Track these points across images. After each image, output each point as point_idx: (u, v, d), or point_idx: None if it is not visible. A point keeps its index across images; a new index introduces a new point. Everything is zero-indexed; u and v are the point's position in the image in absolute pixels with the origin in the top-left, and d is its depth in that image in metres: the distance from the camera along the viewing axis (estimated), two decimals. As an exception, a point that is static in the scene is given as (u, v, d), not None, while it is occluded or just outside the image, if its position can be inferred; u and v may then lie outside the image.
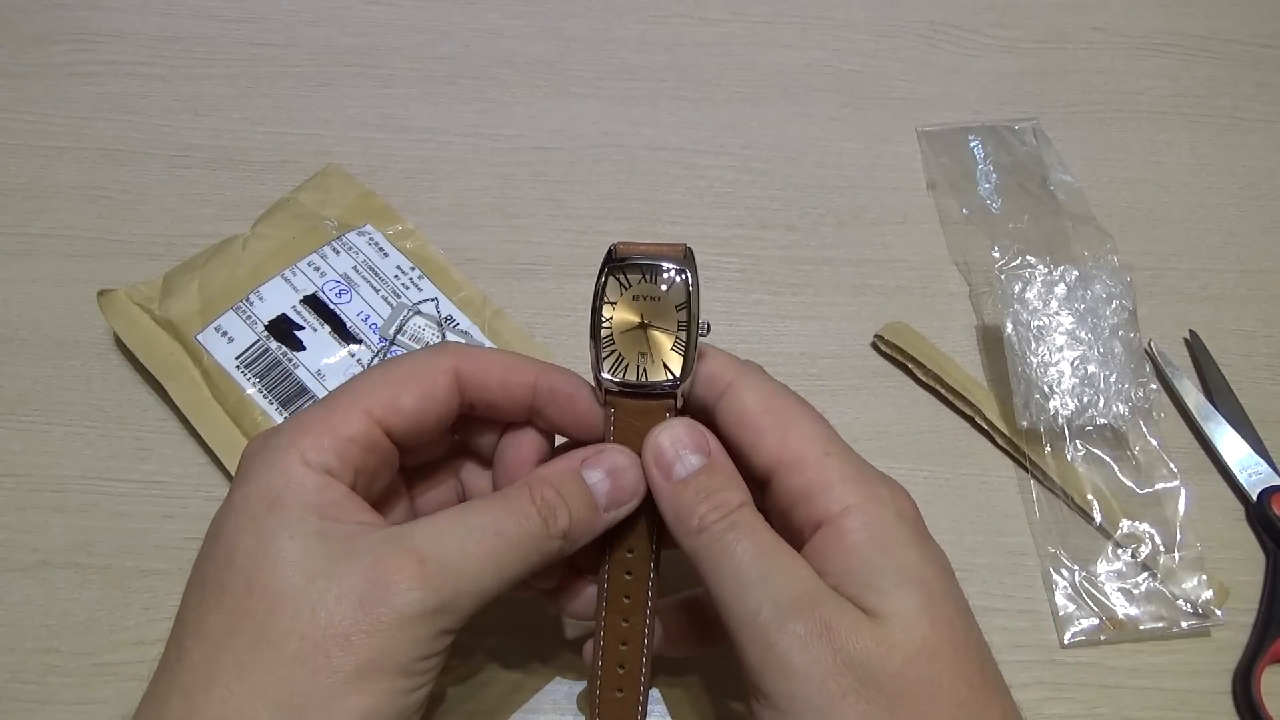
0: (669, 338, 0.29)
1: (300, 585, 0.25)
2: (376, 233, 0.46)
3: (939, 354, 0.45)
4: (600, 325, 0.29)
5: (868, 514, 0.27)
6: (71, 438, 0.42)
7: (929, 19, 0.59)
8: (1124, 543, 0.41)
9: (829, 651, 0.25)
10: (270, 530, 0.26)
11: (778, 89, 0.56)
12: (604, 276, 0.29)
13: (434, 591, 0.25)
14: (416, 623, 0.25)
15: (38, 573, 0.39)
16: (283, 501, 0.26)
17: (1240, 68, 0.58)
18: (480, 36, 0.56)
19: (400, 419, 0.29)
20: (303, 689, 0.24)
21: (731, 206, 0.51)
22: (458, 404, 0.30)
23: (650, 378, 0.29)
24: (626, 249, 0.29)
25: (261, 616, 0.25)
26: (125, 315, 0.43)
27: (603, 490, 0.29)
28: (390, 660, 0.24)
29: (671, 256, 0.29)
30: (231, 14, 0.56)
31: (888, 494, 0.28)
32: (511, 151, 0.52)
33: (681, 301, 0.29)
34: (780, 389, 0.30)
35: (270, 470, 0.27)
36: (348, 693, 0.24)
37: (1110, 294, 0.44)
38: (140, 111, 0.52)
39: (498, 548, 0.27)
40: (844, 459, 0.28)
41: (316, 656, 0.24)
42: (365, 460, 0.28)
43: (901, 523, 0.27)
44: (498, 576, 0.26)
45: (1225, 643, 0.40)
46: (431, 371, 0.29)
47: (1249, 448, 0.44)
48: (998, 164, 0.52)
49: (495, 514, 0.27)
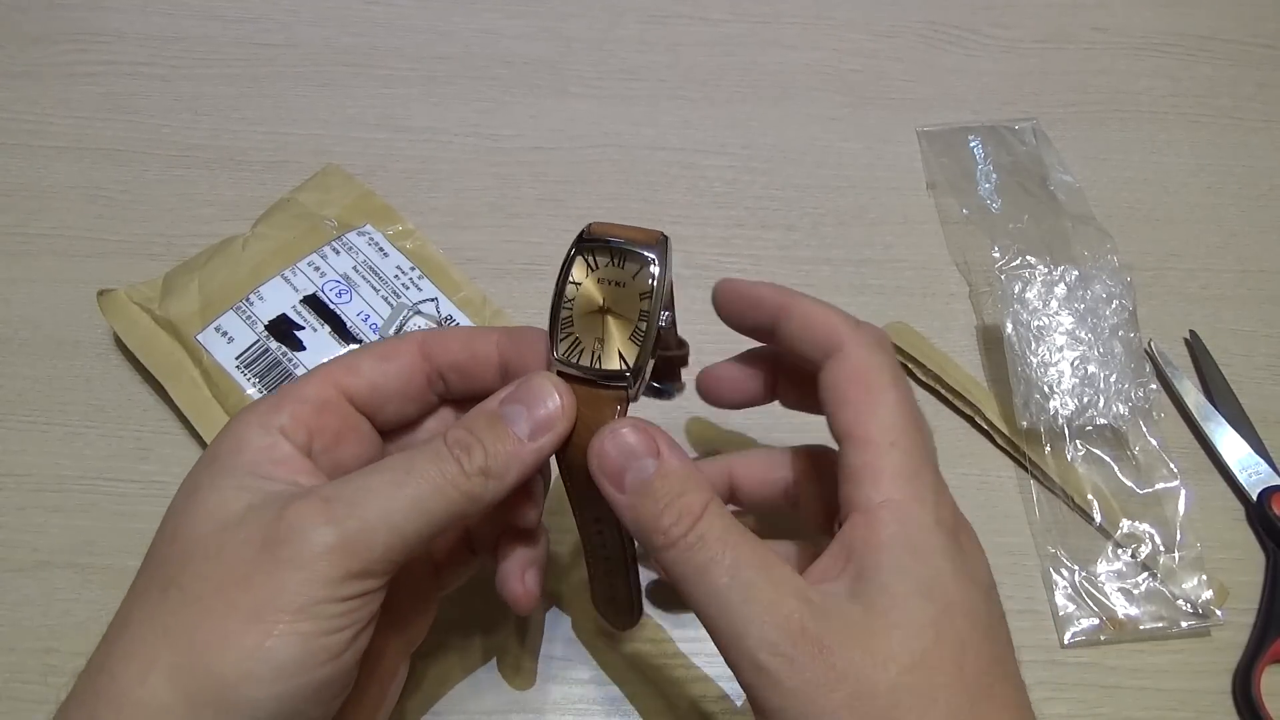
0: (628, 326, 0.27)
1: (211, 532, 0.25)
2: (376, 233, 0.46)
3: (939, 354, 0.45)
4: (562, 304, 0.28)
5: (905, 513, 0.26)
6: (71, 438, 0.42)
7: (929, 19, 0.59)
8: (1124, 543, 0.41)
9: (821, 668, 0.24)
10: (200, 484, 0.27)
11: (778, 89, 0.56)
12: (572, 254, 0.28)
13: (335, 526, 0.24)
14: (317, 561, 0.24)
15: (38, 573, 0.39)
16: (220, 458, 0.27)
17: (1240, 68, 0.58)
18: (480, 36, 0.56)
19: (358, 380, 0.29)
20: (203, 630, 0.24)
21: (731, 206, 0.51)
22: (424, 372, 0.30)
23: (604, 365, 0.27)
24: (600, 229, 0.28)
25: (176, 563, 0.25)
26: (125, 315, 0.43)
27: (519, 418, 0.27)
28: (287, 600, 0.24)
29: (645, 243, 0.27)
30: (232, 14, 0.56)
31: (934, 498, 0.27)
32: (511, 151, 0.52)
33: (646, 291, 0.27)
34: (882, 363, 0.29)
35: (225, 432, 0.28)
36: (244, 633, 0.23)
37: (1110, 294, 0.44)
38: (140, 111, 0.52)
39: (408, 485, 0.25)
40: (907, 454, 0.27)
41: (217, 598, 0.24)
42: (320, 420, 0.28)
43: (938, 530, 0.26)
44: (413, 515, 0.25)
45: (1225, 643, 0.40)
46: (394, 342, 0.30)
47: (1249, 448, 0.44)
48: (998, 164, 0.52)
49: (408, 456, 0.27)
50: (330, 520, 0.24)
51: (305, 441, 0.28)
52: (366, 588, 0.25)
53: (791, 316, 0.30)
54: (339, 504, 0.25)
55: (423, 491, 0.26)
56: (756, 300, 0.31)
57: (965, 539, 0.27)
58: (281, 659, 0.23)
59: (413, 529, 0.25)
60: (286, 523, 0.24)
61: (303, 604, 0.24)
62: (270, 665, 0.23)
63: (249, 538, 0.25)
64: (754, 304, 0.31)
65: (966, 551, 0.27)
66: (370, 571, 0.25)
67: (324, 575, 0.24)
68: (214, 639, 0.23)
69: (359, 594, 0.25)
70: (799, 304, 0.30)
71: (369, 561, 0.25)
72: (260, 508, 0.25)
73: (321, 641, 0.24)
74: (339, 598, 0.24)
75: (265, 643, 0.23)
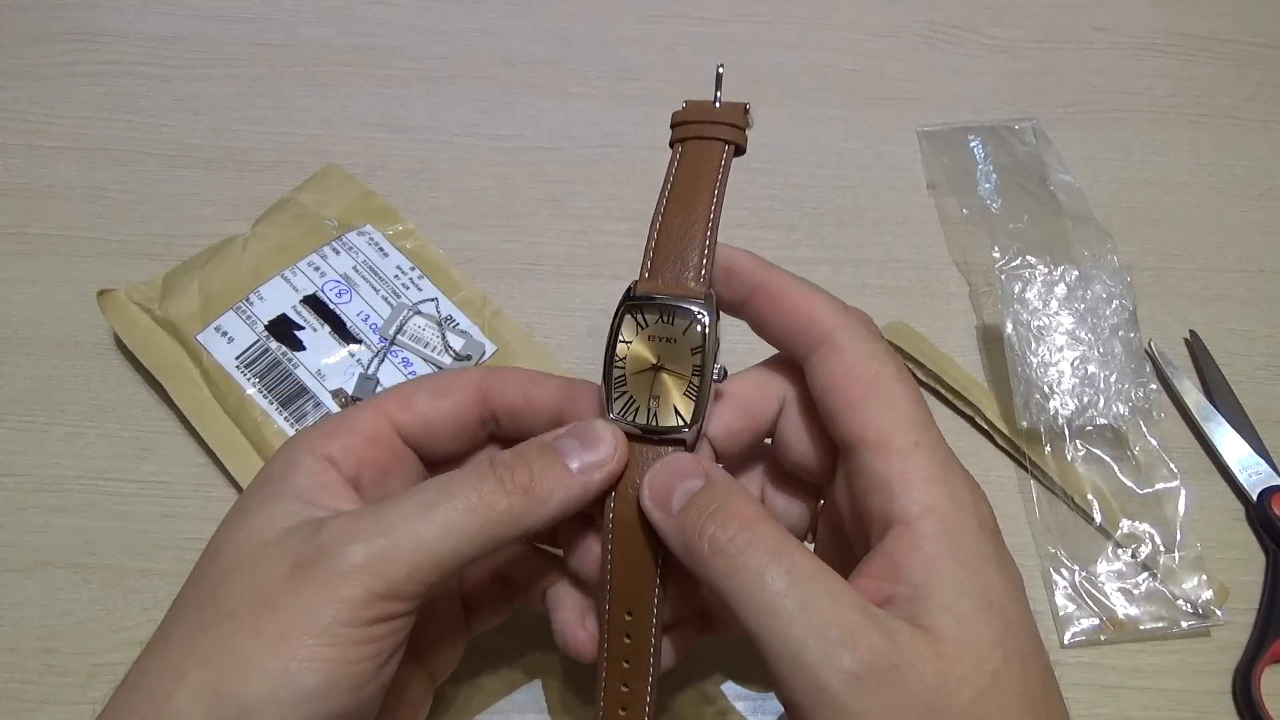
0: (682, 382, 0.27)
1: (249, 552, 0.25)
2: (376, 233, 0.46)
3: (939, 354, 0.45)
4: (614, 364, 0.28)
5: (950, 522, 0.24)
6: (71, 438, 0.42)
7: (929, 19, 0.59)
8: (1124, 543, 0.41)
9: (893, 690, 0.22)
10: (249, 505, 0.26)
11: (778, 89, 0.56)
12: (621, 313, 0.28)
13: (362, 545, 0.24)
14: (343, 580, 0.23)
15: (38, 573, 0.39)
16: (271, 481, 0.27)
17: (1240, 68, 0.58)
18: (480, 36, 0.56)
19: (412, 416, 0.29)
20: (230, 650, 0.23)
21: (731, 206, 0.50)
22: (478, 412, 0.30)
23: (660, 422, 0.27)
24: (646, 286, 0.28)
25: (215, 581, 0.25)
26: (125, 315, 0.43)
27: (572, 451, 0.27)
28: (312, 623, 0.23)
29: (692, 297, 0.28)
30: (232, 14, 0.56)
31: (971, 500, 0.25)
32: (511, 151, 0.52)
33: (698, 345, 0.27)
34: (879, 352, 0.27)
35: (278, 455, 0.28)
36: (269, 655, 0.23)
37: (1110, 294, 0.44)
38: (140, 111, 0.52)
39: (440, 504, 0.25)
40: (933, 453, 0.25)
41: (247, 618, 0.24)
42: (370, 452, 0.28)
43: (983, 535, 0.25)
44: (444, 535, 0.25)
45: (1225, 643, 0.40)
46: (451, 378, 0.30)
47: (1249, 448, 0.44)
48: (998, 164, 0.52)
49: (445, 477, 0.26)
50: (357, 539, 0.24)
51: (354, 473, 0.28)
52: (393, 610, 0.24)
53: (767, 298, 0.28)
54: (368, 522, 0.25)
55: (456, 511, 0.25)
56: (729, 268, 0.29)
57: (999, 537, 0.26)
58: (304, 684, 0.23)
59: (443, 549, 0.25)
60: (317, 542, 0.24)
61: (326, 625, 0.23)
62: (293, 690, 0.23)
63: (282, 558, 0.24)
64: (726, 272, 0.29)
65: (1004, 552, 0.25)
66: (397, 594, 0.24)
67: (348, 595, 0.23)
68: (240, 660, 0.23)
69: (385, 617, 0.24)
70: (775, 283, 0.28)
71: (395, 582, 0.24)
72: (298, 529, 0.25)
73: (346, 669, 0.24)
74: (364, 620, 0.24)
75: (289, 667, 0.23)
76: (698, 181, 0.30)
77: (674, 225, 0.29)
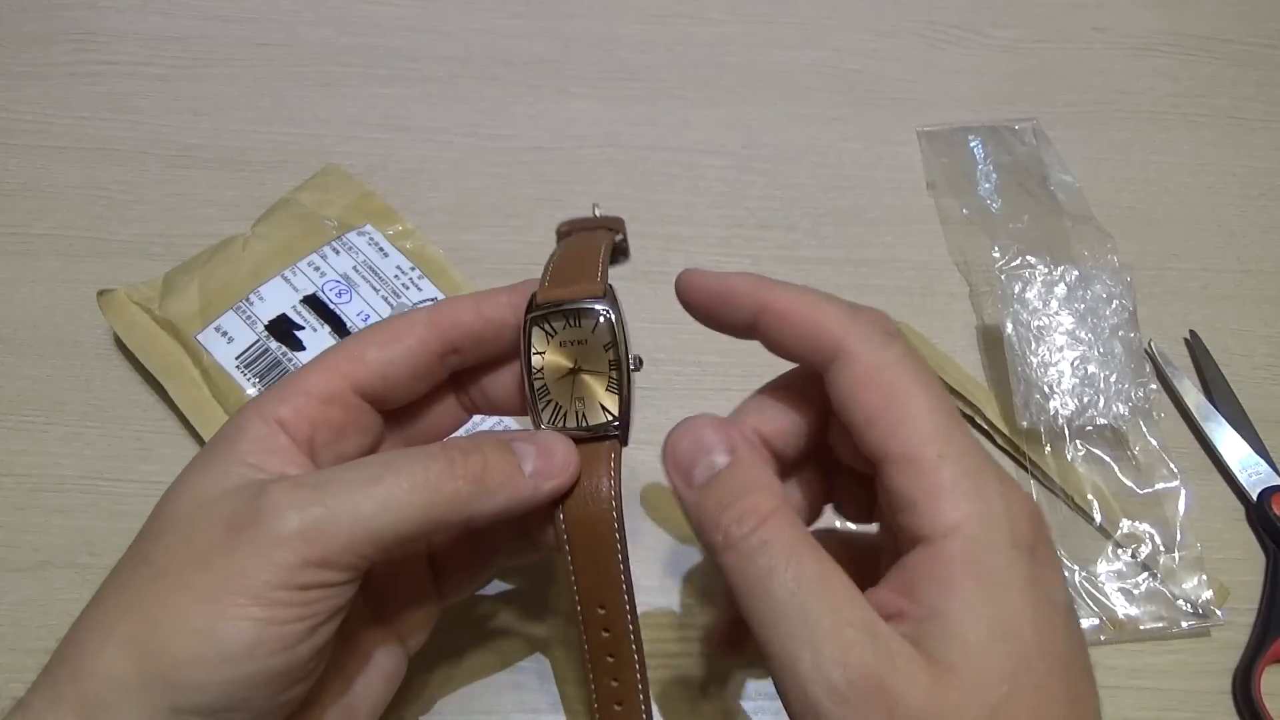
0: (602, 379, 0.28)
1: (186, 511, 0.25)
2: (376, 233, 0.46)
3: (939, 354, 0.45)
4: (533, 377, 0.28)
5: (975, 541, 0.23)
6: (71, 438, 0.42)
7: (929, 19, 0.59)
8: (1124, 543, 0.41)
9: (876, 712, 0.22)
10: (193, 468, 0.26)
11: (778, 89, 0.56)
12: (528, 326, 0.28)
13: (299, 512, 0.24)
14: (277, 547, 0.23)
15: (38, 573, 0.39)
16: (217, 445, 0.27)
17: (1240, 68, 0.58)
18: (480, 36, 0.56)
19: (365, 369, 0.28)
20: (159, 606, 0.24)
21: (731, 206, 0.51)
22: (436, 348, 0.29)
23: (590, 421, 0.28)
24: (545, 294, 0.28)
25: (151, 540, 0.25)
26: (125, 315, 0.43)
27: (527, 455, 0.27)
28: (241, 583, 0.23)
29: (593, 295, 0.28)
30: (232, 14, 0.56)
31: (1004, 512, 0.24)
32: (511, 151, 0.52)
33: (608, 341, 0.28)
34: (896, 359, 0.25)
35: (228, 421, 0.28)
36: (196, 613, 0.23)
37: (1110, 294, 0.44)
38: (140, 111, 0.52)
39: (384, 480, 0.25)
40: (959, 462, 0.24)
41: (176, 576, 0.24)
42: (324, 414, 0.28)
43: (1014, 554, 0.23)
44: (383, 511, 0.24)
45: (1225, 643, 0.40)
46: (400, 322, 0.29)
47: (1249, 448, 0.44)
48: (998, 164, 0.52)
49: (394, 454, 0.26)
50: (295, 506, 0.24)
51: (307, 435, 0.27)
52: (326, 579, 0.24)
53: (773, 318, 0.27)
54: (308, 490, 0.24)
55: (400, 488, 0.25)
56: (727, 296, 0.28)
57: (1042, 551, 0.24)
58: (230, 644, 0.23)
59: (381, 524, 0.24)
60: (254, 505, 0.24)
61: (257, 588, 0.23)
62: (217, 649, 0.23)
63: (218, 518, 0.24)
64: (725, 301, 0.28)
65: (1044, 570, 0.24)
66: (330, 563, 0.24)
67: (281, 561, 0.23)
68: (167, 616, 0.23)
69: (317, 584, 0.24)
70: (779, 300, 0.27)
71: (329, 552, 0.24)
72: (238, 491, 0.25)
73: (274, 630, 0.23)
74: (295, 585, 0.24)
75: (216, 625, 0.23)
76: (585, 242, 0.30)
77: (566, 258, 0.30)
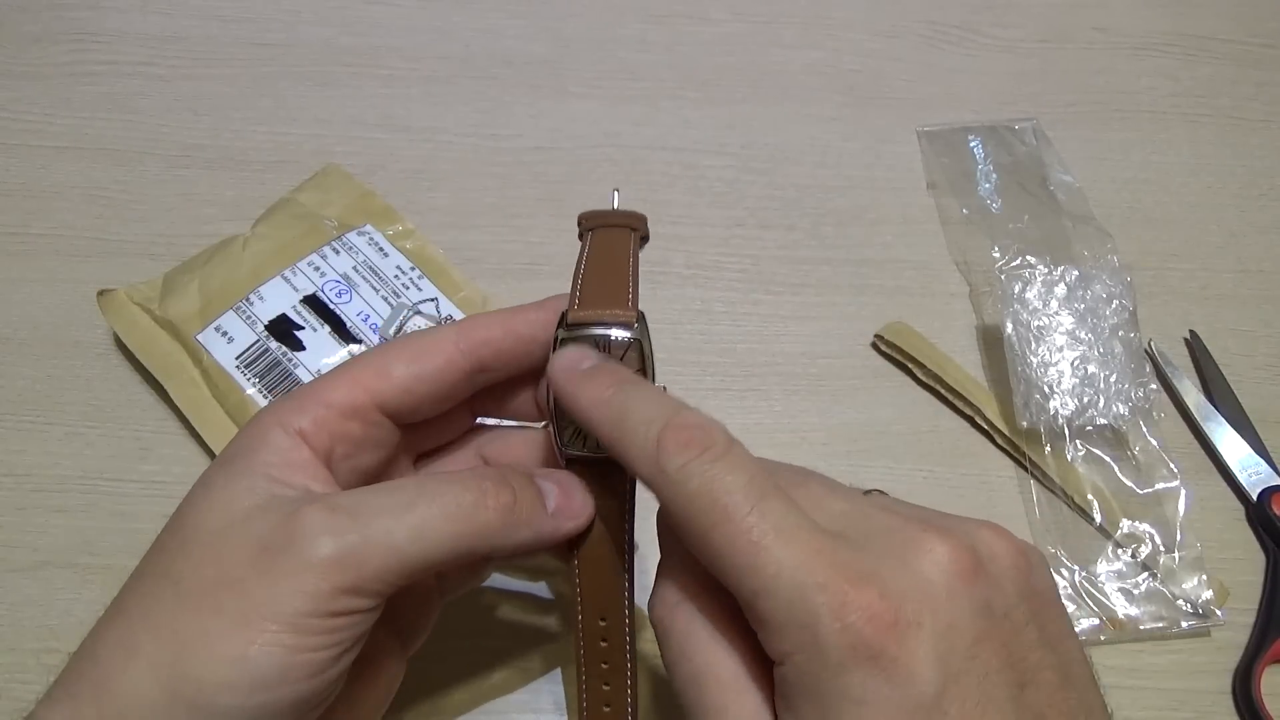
0: None
1: (214, 528, 0.25)
2: (376, 233, 0.46)
3: (939, 354, 0.45)
4: None
5: (802, 668, 0.22)
6: (71, 438, 0.42)
7: (929, 19, 0.59)
8: (1124, 543, 0.41)
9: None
10: (214, 479, 0.26)
11: (778, 89, 0.56)
12: (558, 348, 0.28)
13: (335, 539, 0.24)
14: (312, 573, 0.23)
15: (38, 573, 0.39)
16: (238, 455, 0.26)
17: (1240, 68, 0.58)
18: (480, 36, 0.56)
19: (390, 386, 0.28)
20: (189, 628, 0.23)
21: (731, 206, 0.51)
22: (464, 370, 0.29)
23: None
24: (577, 315, 0.28)
25: (174, 554, 0.25)
26: (125, 315, 0.43)
27: (550, 494, 0.27)
28: (275, 609, 0.23)
29: (624, 322, 0.28)
30: (232, 14, 0.56)
31: (836, 628, 0.21)
32: (511, 151, 0.52)
33: (638, 367, 0.28)
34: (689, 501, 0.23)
35: (247, 429, 0.27)
36: (228, 638, 0.23)
37: (1110, 294, 0.44)
38: (140, 111, 0.52)
39: (418, 508, 0.25)
40: (777, 592, 0.22)
41: (207, 597, 0.24)
42: (344, 428, 0.27)
43: (848, 671, 0.21)
44: (416, 539, 0.24)
45: (1225, 643, 0.40)
46: (427, 340, 0.29)
47: (1249, 448, 0.44)
48: (998, 164, 0.52)
49: (427, 480, 0.26)
50: (330, 531, 0.24)
51: (326, 448, 0.27)
52: (357, 606, 0.24)
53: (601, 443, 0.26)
54: (343, 516, 0.24)
55: (432, 517, 0.25)
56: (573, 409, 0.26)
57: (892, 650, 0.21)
58: (261, 670, 0.23)
59: (413, 552, 0.24)
60: (288, 529, 0.24)
61: (289, 615, 0.23)
62: (249, 676, 0.23)
63: (249, 539, 0.24)
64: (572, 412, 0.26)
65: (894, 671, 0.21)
66: (363, 590, 0.24)
67: (314, 587, 0.23)
68: (198, 639, 0.23)
69: (348, 611, 0.24)
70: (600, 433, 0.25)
71: (361, 580, 0.24)
72: (267, 510, 0.25)
73: (304, 657, 0.23)
74: (327, 612, 0.24)
75: (247, 651, 0.23)
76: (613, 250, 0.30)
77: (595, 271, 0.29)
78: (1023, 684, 0.23)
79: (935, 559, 0.23)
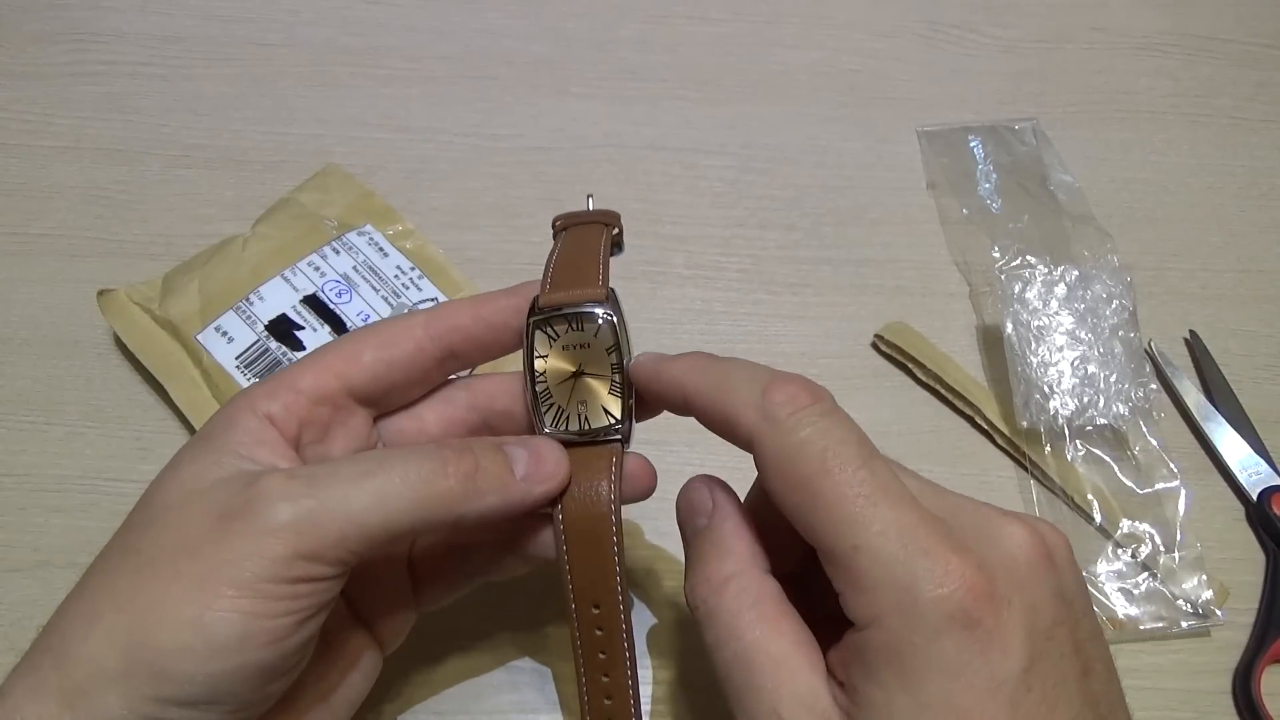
0: (605, 381, 0.29)
1: (176, 500, 0.25)
2: (376, 233, 0.46)
3: (939, 354, 0.45)
4: (535, 380, 0.29)
5: (894, 632, 0.22)
6: (71, 438, 0.42)
7: (929, 19, 0.59)
8: (1124, 543, 0.41)
9: None
10: (182, 457, 0.27)
11: (778, 89, 0.56)
12: (530, 330, 0.29)
13: (291, 504, 0.24)
14: (269, 539, 0.23)
15: (38, 573, 0.39)
16: (207, 435, 0.27)
17: (1240, 68, 0.58)
18: (480, 36, 0.56)
19: (359, 371, 0.28)
20: (146, 595, 0.23)
21: (731, 206, 0.51)
22: (433, 352, 0.29)
23: (592, 424, 0.29)
24: (548, 298, 0.29)
25: (139, 528, 0.25)
26: (125, 315, 0.43)
27: (519, 459, 0.27)
28: (232, 574, 0.23)
29: (595, 299, 0.28)
30: (232, 14, 0.56)
31: (933, 593, 0.22)
32: (511, 151, 0.52)
33: (611, 344, 0.28)
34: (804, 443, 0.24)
35: (218, 415, 0.28)
36: (185, 603, 0.23)
37: (1110, 294, 0.44)
38: (140, 111, 0.52)
39: (377, 476, 0.25)
40: (879, 549, 0.23)
41: (165, 565, 0.24)
42: (313, 413, 0.28)
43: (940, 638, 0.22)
44: (374, 507, 0.25)
45: (1225, 643, 0.40)
46: (398, 325, 0.29)
47: (1249, 448, 0.44)
48: (998, 164, 0.52)
49: (388, 451, 0.26)
50: (287, 498, 0.24)
51: (295, 433, 0.27)
52: (315, 573, 0.24)
53: (695, 409, 0.27)
54: (301, 482, 0.24)
55: (391, 485, 0.25)
56: (662, 385, 0.28)
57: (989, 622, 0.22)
58: (219, 635, 0.23)
59: (372, 520, 0.25)
60: (247, 495, 0.24)
61: (246, 579, 0.23)
62: (206, 640, 0.23)
63: (209, 507, 0.24)
64: (662, 390, 0.28)
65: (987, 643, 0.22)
66: (320, 556, 0.24)
67: (271, 552, 0.23)
68: (155, 605, 0.23)
69: (306, 578, 0.24)
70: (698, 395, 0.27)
71: (320, 545, 0.24)
72: (229, 480, 0.25)
73: (262, 623, 0.23)
74: (285, 578, 0.24)
75: (205, 615, 0.23)
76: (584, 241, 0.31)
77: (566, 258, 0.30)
78: (1086, 671, 0.24)
79: (1019, 541, 0.24)
